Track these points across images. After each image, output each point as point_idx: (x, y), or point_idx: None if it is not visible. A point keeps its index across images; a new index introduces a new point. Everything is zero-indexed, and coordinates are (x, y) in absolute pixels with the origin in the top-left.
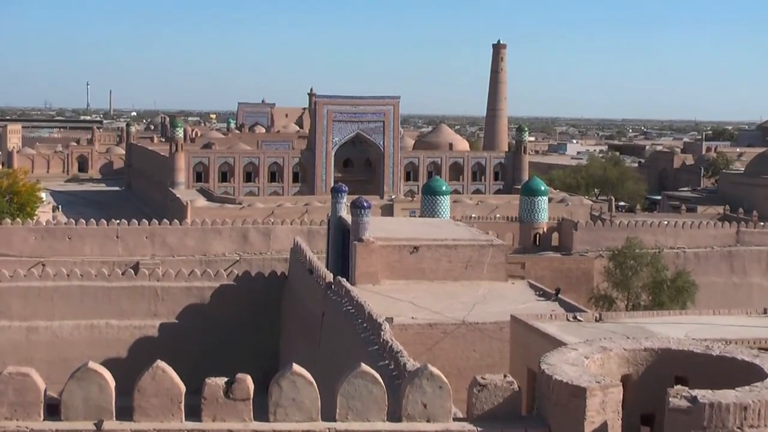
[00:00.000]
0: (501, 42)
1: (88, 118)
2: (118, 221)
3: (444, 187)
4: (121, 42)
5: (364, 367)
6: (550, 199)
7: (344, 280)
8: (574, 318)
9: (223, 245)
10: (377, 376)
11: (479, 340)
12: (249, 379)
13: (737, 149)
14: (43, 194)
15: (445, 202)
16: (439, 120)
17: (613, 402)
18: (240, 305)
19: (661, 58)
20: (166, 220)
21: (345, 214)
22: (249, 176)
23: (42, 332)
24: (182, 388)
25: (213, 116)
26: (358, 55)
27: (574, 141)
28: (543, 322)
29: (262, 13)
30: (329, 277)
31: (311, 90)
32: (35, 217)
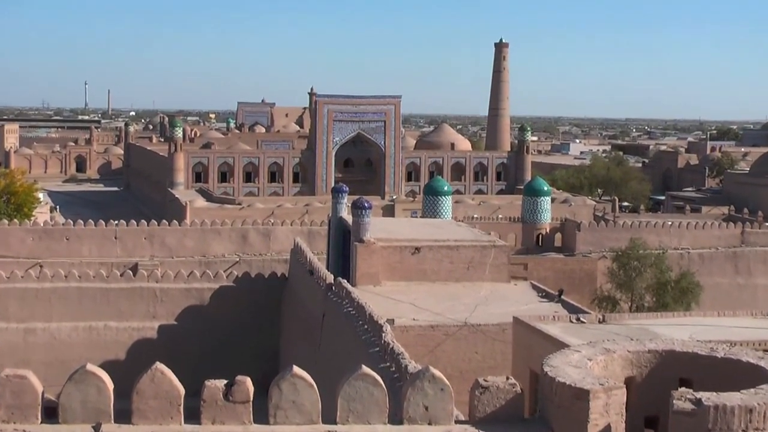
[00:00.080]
0: (503, 41)
1: (86, 117)
2: (116, 222)
3: (446, 188)
4: (119, 41)
5: (365, 369)
6: (552, 200)
7: (345, 281)
8: (577, 319)
9: (222, 246)
10: (378, 378)
11: (481, 341)
12: (249, 381)
13: (742, 149)
14: (40, 195)
15: (447, 203)
16: (441, 119)
17: (617, 404)
18: (240, 307)
19: (666, 57)
20: (165, 220)
21: (346, 214)
22: (249, 176)
23: (39, 334)
24: (181, 390)
25: (212, 116)
26: (359, 54)
27: (577, 141)
28: (546, 323)
29: (261, 12)
30: (330, 278)
31: (311, 89)
32: (33, 218)
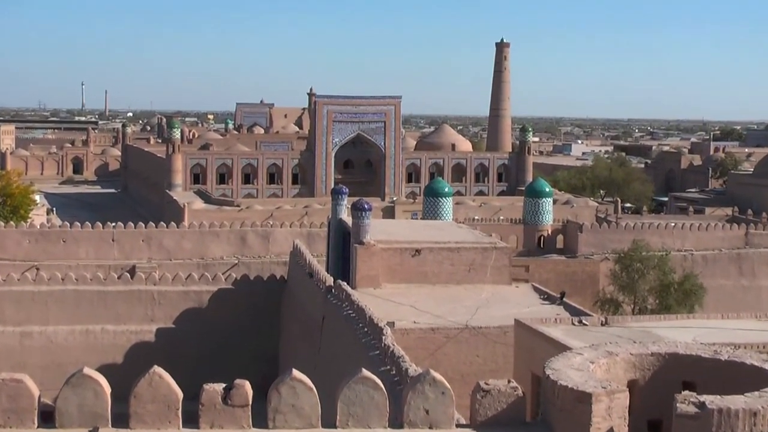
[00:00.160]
0: (504, 41)
1: (83, 118)
2: (113, 224)
3: (446, 189)
4: (116, 41)
5: (365, 372)
6: (554, 201)
7: (345, 283)
8: (580, 322)
9: (221, 248)
10: (378, 381)
11: (482, 344)
12: (248, 384)
13: (746, 149)
14: (37, 196)
15: (448, 204)
16: (442, 120)
17: (620, 408)
18: (238, 309)
19: (667, 57)
20: (162, 222)
21: (345, 216)
22: (247, 178)
23: (36, 337)
24: (179, 394)
25: (211, 117)
26: (358, 54)
27: (579, 141)
28: (548, 326)
29: (261, 12)
30: (329, 280)
31: (311, 90)
32: (29, 220)
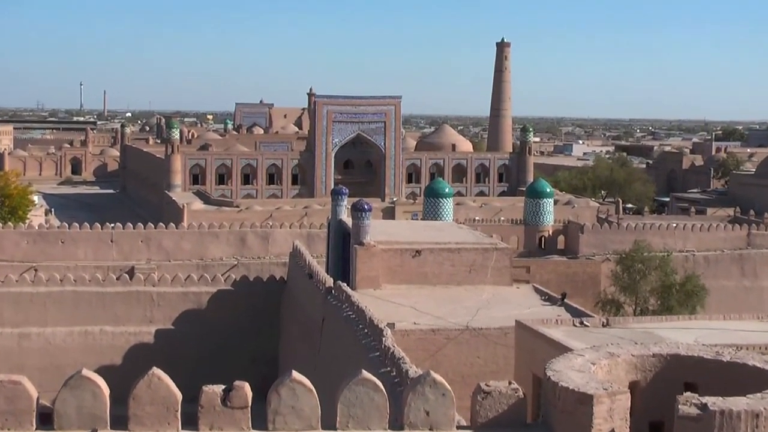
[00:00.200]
0: (505, 40)
1: (82, 119)
2: (112, 225)
3: (447, 189)
4: (115, 41)
5: (365, 374)
6: (555, 201)
7: (344, 284)
8: (581, 323)
9: (220, 249)
10: (378, 383)
11: (483, 345)
12: (247, 386)
13: (748, 149)
14: (35, 197)
15: (448, 205)
16: (442, 120)
17: (621, 409)
18: (238, 311)
19: (668, 56)
20: (161, 223)
21: (345, 217)
22: (247, 178)
23: (34, 339)
24: (179, 396)
25: (210, 117)
26: (358, 54)
27: (580, 141)
28: (548, 327)
29: (260, 12)
30: (329, 281)
31: (311, 90)
32: (27, 221)
